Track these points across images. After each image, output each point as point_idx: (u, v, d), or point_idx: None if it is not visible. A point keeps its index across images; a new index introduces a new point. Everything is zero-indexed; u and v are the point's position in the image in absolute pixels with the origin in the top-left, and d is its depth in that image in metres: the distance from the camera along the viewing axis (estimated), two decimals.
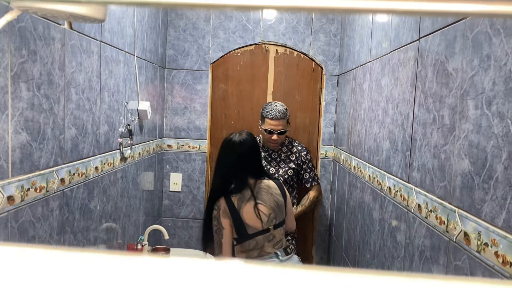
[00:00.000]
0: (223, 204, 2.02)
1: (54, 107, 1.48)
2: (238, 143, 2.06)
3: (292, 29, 3.12)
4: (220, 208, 2.02)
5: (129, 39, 2.26)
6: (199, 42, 3.16)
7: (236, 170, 2.07)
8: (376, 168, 1.96)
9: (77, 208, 1.71)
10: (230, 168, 2.07)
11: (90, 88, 1.78)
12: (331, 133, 3.14)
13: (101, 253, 0.31)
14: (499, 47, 0.97)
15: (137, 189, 2.55)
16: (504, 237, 0.92)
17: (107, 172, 2.02)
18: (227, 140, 2.09)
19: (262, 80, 3.18)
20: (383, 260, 1.79)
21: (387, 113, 1.82)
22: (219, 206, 2.03)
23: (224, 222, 2.02)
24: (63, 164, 1.58)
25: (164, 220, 3.26)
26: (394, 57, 1.76)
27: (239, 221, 2.02)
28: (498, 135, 0.96)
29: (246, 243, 2.05)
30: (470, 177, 1.07)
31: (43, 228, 1.45)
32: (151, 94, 2.76)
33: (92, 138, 1.83)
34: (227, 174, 2.08)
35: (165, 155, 3.23)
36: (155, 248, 2.47)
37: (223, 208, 2.02)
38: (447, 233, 1.20)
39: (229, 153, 2.07)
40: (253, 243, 2.05)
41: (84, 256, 0.32)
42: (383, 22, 1.98)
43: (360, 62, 2.41)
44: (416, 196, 1.44)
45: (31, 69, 1.33)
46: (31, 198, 1.36)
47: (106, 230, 2.07)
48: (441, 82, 1.27)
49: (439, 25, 1.31)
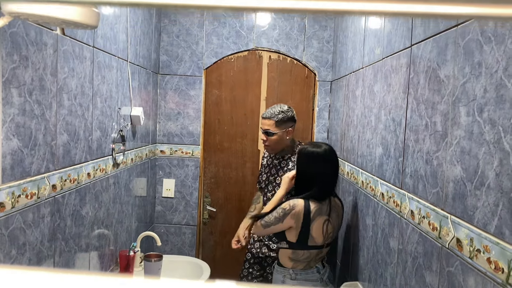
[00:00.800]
0: (300, 208, 1.98)
1: (46, 112, 1.47)
2: (334, 154, 2.12)
3: (285, 35, 3.13)
4: (294, 208, 1.98)
5: (122, 45, 2.25)
6: (193, 47, 3.16)
7: (326, 180, 2.08)
8: (369, 174, 1.96)
9: (68, 214, 1.70)
10: (322, 175, 2.06)
11: (83, 94, 1.77)
12: (324, 138, 3.15)
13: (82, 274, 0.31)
14: (490, 54, 0.98)
15: (130, 195, 2.54)
16: (496, 243, 0.93)
17: (99, 178, 2.00)
18: (331, 148, 2.11)
19: (255, 86, 3.18)
20: (376, 266, 1.79)
21: (380, 119, 1.82)
22: (294, 206, 1.98)
23: (289, 221, 1.99)
24: (55, 170, 1.56)
25: (157, 226, 3.24)
26: (386, 63, 1.77)
27: (306, 230, 1.99)
28: (489, 142, 0.96)
29: (301, 252, 2.04)
30: (462, 183, 1.08)
31: (34, 235, 1.43)
32: (144, 100, 2.75)
33: (84, 144, 1.82)
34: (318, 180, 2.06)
35: (158, 161, 3.21)
36: (148, 254, 2.45)
37: (298, 210, 1.98)
38: (439, 239, 1.20)
39: (327, 161, 2.07)
40: (306, 254, 2.04)
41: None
42: (375, 29, 1.99)
43: (353, 68, 2.42)
44: (409, 202, 1.44)
45: (23, 75, 1.32)
46: (22, 204, 1.35)
47: (98, 236, 2.05)
48: (433, 89, 1.28)
49: (431, 32, 1.32)
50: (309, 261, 2.07)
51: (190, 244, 3.26)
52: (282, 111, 2.51)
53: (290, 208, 1.99)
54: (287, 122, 2.51)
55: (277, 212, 2.03)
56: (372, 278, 1.84)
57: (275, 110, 2.51)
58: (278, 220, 2.01)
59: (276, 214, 2.02)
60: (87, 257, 1.93)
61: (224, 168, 3.24)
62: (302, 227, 1.99)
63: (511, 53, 0.90)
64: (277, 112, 2.50)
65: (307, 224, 1.99)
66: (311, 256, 2.06)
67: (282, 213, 2.00)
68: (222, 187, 3.26)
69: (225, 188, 3.26)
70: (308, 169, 2.08)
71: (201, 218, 3.27)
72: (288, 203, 2.01)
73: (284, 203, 2.03)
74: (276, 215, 2.02)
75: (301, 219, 1.98)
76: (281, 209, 2.01)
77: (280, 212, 2.01)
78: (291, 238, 2.03)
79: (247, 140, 3.22)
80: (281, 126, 2.50)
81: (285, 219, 1.99)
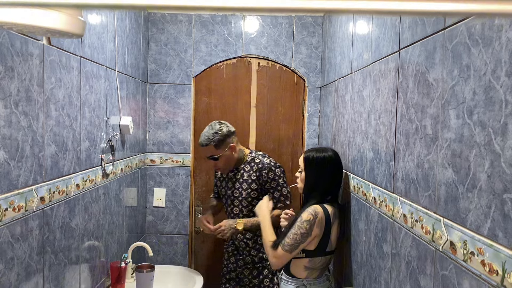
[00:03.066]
0: (321, 214, 1.92)
1: (32, 124, 1.45)
2: (339, 158, 2.12)
3: (273, 42, 3.14)
4: (317, 216, 1.91)
5: (110, 54, 2.23)
6: (181, 56, 3.15)
7: (335, 184, 2.09)
8: (360, 179, 1.96)
9: (58, 227, 1.67)
10: (332, 180, 2.07)
11: (70, 104, 1.75)
12: (315, 144, 3.15)
13: None
14: (478, 57, 0.99)
15: (120, 205, 2.51)
16: (489, 245, 0.92)
17: (88, 189, 1.98)
18: (336, 152, 2.13)
19: (245, 93, 3.18)
20: (370, 271, 1.78)
21: (370, 124, 1.83)
22: (317, 214, 1.91)
23: (315, 231, 1.91)
24: (43, 182, 1.54)
25: (148, 236, 3.21)
26: (375, 68, 1.78)
27: (327, 235, 1.95)
28: (480, 144, 0.97)
29: (318, 259, 1.98)
30: (454, 186, 1.08)
31: (22, 249, 1.40)
32: (133, 109, 2.73)
33: (73, 154, 1.80)
34: (328, 185, 2.06)
35: (148, 170, 3.18)
36: (140, 265, 2.42)
37: (321, 217, 1.92)
38: (433, 242, 1.20)
39: (335, 165, 2.09)
40: (323, 260, 2.00)
41: None
42: (363, 34, 2.00)
43: (341, 73, 2.43)
44: (401, 206, 1.44)
45: (9, 86, 1.29)
46: (9, 218, 1.32)
47: (88, 248, 2.02)
48: (422, 93, 1.28)
49: (419, 36, 1.33)
50: (323, 268, 2.03)
51: (182, 253, 3.22)
52: (215, 132, 2.40)
53: (314, 217, 1.91)
54: (225, 139, 2.41)
55: (301, 228, 1.90)
56: (367, 283, 1.83)
57: (208, 135, 2.40)
58: (307, 236, 1.90)
59: (302, 230, 1.90)
60: (77, 269, 1.89)
61: None
62: (324, 233, 1.94)
63: (498, 55, 0.91)
64: (211, 136, 2.39)
65: (328, 229, 1.95)
66: (326, 263, 2.03)
67: (308, 225, 1.90)
68: None
69: None
70: (320, 175, 2.06)
71: (193, 227, 3.24)
72: (309, 214, 1.92)
73: (304, 215, 1.92)
74: (302, 231, 1.90)
75: (324, 225, 1.93)
76: (306, 222, 1.90)
77: (306, 225, 1.90)
78: (309, 246, 1.95)
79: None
80: (222, 146, 2.41)
81: (312, 230, 1.91)
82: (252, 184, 2.49)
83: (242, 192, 2.50)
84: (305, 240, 1.91)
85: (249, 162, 2.53)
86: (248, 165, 2.52)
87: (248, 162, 2.53)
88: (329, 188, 2.05)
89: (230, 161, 2.48)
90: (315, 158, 2.08)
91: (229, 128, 2.46)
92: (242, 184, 2.51)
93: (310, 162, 2.09)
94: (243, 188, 2.50)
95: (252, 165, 2.51)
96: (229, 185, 2.57)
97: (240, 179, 2.51)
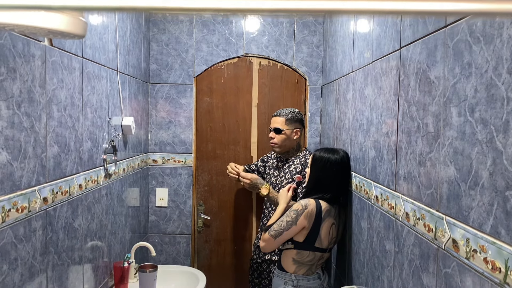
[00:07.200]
0: (312, 207, 1.99)
1: (35, 125, 1.45)
2: (349, 161, 2.15)
3: (274, 41, 3.14)
4: (307, 208, 1.98)
5: (112, 55, 2.24)
6: (183, 56, 3.15)
7: (339, 186, 2.11)
8: (362, 177, 1.96)
9: (61, 227, 1.67)
10: (336, 182, 2.10)
11: (72, 105, 1.76)
12: (317, 143, 3.15)
13: None
14: (479, 54, 0.98)
15: (123, 205, 2.51)
16: (492, 243, 0.92)
17: (91, 189, 1.98)
18: (347, 154, 2.16)
19: (246, 93, 3.18)
20: (373, 269, 1.78)
21: (372, 122, 1.83)
22: (307, 206, 1.98)
23: (302, 222, 1.97)
24: (46, 182, 1.54)
25: (151, 236, 3.21)
26: (376, 66, 1.78)
27: (316, 230, 1.99)
28: (482, 141, 0.96)
29: (306, 253, 2.03)
30: (456, 184, 1.08)
31: (26, 250, 1.41)
32: (134, 109, 2.74)
33: (75, 155, 1.80)
34: (331, 186, 2.08)
35: (150, 170, 3.19)
36: (142, 265, 2.42)
37: (310, 209, 1.98)
38: (435, 240, 1.20)
39: (342, 168, 2.12)
40: (311, 256, 2.04)
41: None
42: (364, 32, 2.00)
43: (343, 72, 2.43)
44: (404, 204, 1.44)
45: (11, 87, 1.30)
46: (12, 219, 1.32)
47: (91, 249, 2.02)
48: (424, 90, 1.28)
49: (420, 34, 1.33)
50: (312, 265, 2.06)
51: (185, 253, 3.23)
52: (293, 111, 2.63)
53: (303, 208, 1.97)
54: (297, 122, 2.62)
55: (288, 216, 1.99)
56: (369, 282, 1.83)
57: (286, 110, 2.64)
58: (291, 224, 1.98)
59: (288, 218, 1.99)
60: (80, 270, 1.90)
61: (218, 176, 3.22)
62: (312, 227, 1.98)
63: (500, 52, 0.91)
64: (288, 111, 2.62)
65: (318, 224, 1.98)
66: (315, 259, 2.05)
67: (295, 215, 1.97)
68: (216, 194, 3.24)
69: (219, 196, 3.24)
70: (322, 175, 2.10)
71: (195, 227, 3.25)
72: (299, 204, 2.00)
73: (294, 205, 2.02)
74: (288, 219, 1.98)
75: (313, 218, 1.98)
76: (293, 211, 1.98)
77: (292, 214, 1.98)
78: (298, 237, 2.01)
79: (240, 147, 3.21)
80: (291, 124, 2.61)
81: (298, 220, 1.97)
82: (295, 175, 2.61)
83: (283, 180, 2.64)
84: (289, 227, 1.97)
85: (299, 157, 2.67)
86: (298, 159, 2.67)
87: (299, 157, 2.68)
88: (330, 188, 2.07)
89: (287, 142, 2.64)
90: (320, 158, 2.13)
91: (303, 119, 2.71)
92: (286, 174, 2.65)
93: (315, 161, 2.15)
94: (286, 177, 2.64)
95: (301, 158, 2.66)
96: (275, 173, 2.73)
97: (286, 169, 2.66)
